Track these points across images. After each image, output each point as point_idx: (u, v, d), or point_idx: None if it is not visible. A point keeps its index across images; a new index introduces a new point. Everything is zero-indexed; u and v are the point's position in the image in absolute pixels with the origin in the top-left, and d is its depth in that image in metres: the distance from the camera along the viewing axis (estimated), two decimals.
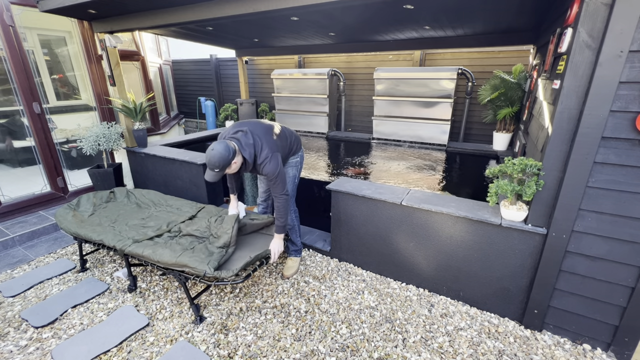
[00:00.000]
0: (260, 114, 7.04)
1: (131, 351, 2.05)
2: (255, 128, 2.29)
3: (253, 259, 2.24)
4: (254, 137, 2.22)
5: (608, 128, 1.69)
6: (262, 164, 2.21)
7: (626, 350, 2.00)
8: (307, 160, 4.71)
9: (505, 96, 4.26)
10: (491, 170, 2.17)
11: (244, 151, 2.17)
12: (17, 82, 3.65)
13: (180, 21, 3.24)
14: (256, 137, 2.23)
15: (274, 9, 2.65)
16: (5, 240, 3.27)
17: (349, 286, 2.67)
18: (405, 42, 4.98)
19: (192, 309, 2.29)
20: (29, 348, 2.08)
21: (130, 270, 2.57)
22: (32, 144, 3.93)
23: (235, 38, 5.20)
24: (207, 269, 2.06)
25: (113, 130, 4.00)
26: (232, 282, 2.13)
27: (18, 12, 3.63)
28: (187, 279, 2.23)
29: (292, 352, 2.04)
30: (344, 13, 3.25)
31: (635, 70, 1.58)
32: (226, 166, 2.06)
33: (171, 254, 2.21)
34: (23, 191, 3.93)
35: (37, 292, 2.63)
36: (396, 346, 2.09)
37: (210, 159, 2.03)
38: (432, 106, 5.06)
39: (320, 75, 5.85)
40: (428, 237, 2.47)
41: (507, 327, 2.27)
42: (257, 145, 2.21)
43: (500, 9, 3.04)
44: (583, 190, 1.83)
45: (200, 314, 2.30)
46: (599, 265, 1.94)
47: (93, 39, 4.28)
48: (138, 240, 2.43)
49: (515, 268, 2.20)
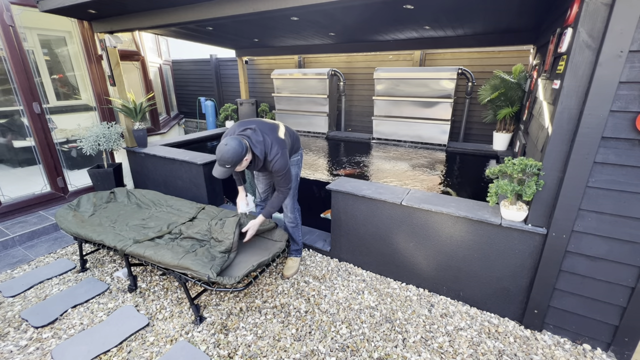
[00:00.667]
0: (260, 114, 7.03)
1: (131, 351, 2.05)
2: (262, 126, 2.32)
3: (255, 267, 2.23)
4: (263, 134, 2.24)
5: (608, 128, 1.69)
6: (273, 160, 2.23)
7: (626, 350, 2.00)
8: (307, 160, 4.71)
9: (505, 96, 4.26)
10: (491, 170, 2.17)
11: (255, 148, 2.18)
12: (17, 82, 3.65)
13: (180, 21, 3.24)
14: (265, 134, 2.25)
15: (274, 9, 2.65)
16: (5, 240, 3.27)
17: (349, 286, 2.67)
18: (405, 42, 4.98)
19: (192, 309, 2.29)
20: (28, 348, 2.08)
21: (131, 270, 2.57)
22: (32, 144, 3.92)
23: (235, 38, 5.20)
24: (209, 273, 2.06)
25: (113, 130, 4.00)
26: (234, 290, 2.13)
27: (18, 12, 3.63)
28: (187, 280, 2.23)
29: (292, 352, 2.04)
30: (344, 13, 3.25)
31: (635, 70, 1.58)
32: (238, 163, 2.06)
33: (173, 255, 2.22)
34: (23, 191, 3.93)
35: (37, 292, 2.62)
36: (396, 346, 2.09)
37: (224, 155, 2.01)
38: (432, 106, 5.06)
39: (320, 75, 5.85)
40: (428, 237, 2.47)
41: (507, 327, 2.27)
42: (266, 142, 2.23)
43: (500, 9, 3.04)
44: (583, 190, 1.83)
45: (200, 314, 2.30)
46: (599, 265, 1.94)
47: (93, 39, 4.28)
48: (139, 241, 2.44)
49: (515, 268, 2.20)
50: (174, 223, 2.74)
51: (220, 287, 2.13)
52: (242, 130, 2.24)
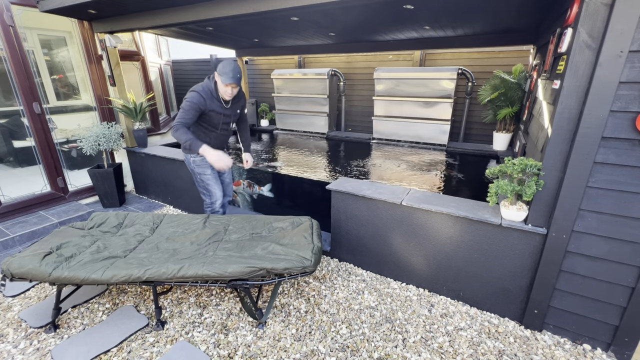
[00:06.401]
0: (260, 114, 7.04)
1: (131, 351, 2.05)
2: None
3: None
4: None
5: (608, 128, 1.69)
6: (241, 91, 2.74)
7: (626, 350, 2.00)
8: (307, 160, 4.71)
9: (505, 96, 4.26)
10: (491, 170, 2.17)
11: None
12: (17, 82, 3.65)
13: (180, 21, 3.24)
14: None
15: (274, 9, 2.65)
16: (5, 240, 3.27)
17: (349, 286, 2.67)
18: (405, 42, 4.99)
19: (257, 313, 2.23)
20: (28, 348, 2.08)
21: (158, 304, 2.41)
22: (32, 144, 3.92)
23: (235, 38, 5.20)
24: (307, 262, 2.12)
25: (113, 130, 4.00)
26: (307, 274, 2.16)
27: (18, 12, 3.63)
28: (250, 286, 2.17)
29: (292, 352, 2.04)
30: (344, 13, 3.25)
31: (635, 70, 1.58)
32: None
33: (235, 264, 2.07)
34: (23, 191, 3.93)
35: (37, 292, 2.62)
36: (396, 346, 2.09)
37: (235, 67, 2.46)
38: (432, 106, 5.06)
39: (320, 75, 5.85)
40: (428, 237, 2.47)
41: (507, 327, 2.27)
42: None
43: (500, 9, 3.04)
44: (583, 190, 1.83)
45: (265, 319, 2.27)
46: (599, 265, 1.94)
47: (93, 39, 4.27)
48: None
49: (515, 268, 2.20)
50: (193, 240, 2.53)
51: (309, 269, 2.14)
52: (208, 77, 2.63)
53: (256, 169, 4.34)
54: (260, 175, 4.40)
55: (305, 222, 2.62)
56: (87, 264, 2.10)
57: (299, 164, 4.50)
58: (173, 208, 4.25)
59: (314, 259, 2.16)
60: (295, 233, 2.47)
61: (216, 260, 2.13)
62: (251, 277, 2.06)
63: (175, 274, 2.02)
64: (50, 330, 2.19)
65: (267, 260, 2.11)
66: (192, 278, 2.03)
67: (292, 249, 2.25)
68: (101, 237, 2.50)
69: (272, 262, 2.09)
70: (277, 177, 4.26)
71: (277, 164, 4.50)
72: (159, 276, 2.01)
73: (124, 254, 2.29)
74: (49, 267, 2.02)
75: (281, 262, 2.10)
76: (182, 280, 2.05)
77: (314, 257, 2.18)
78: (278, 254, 2.23)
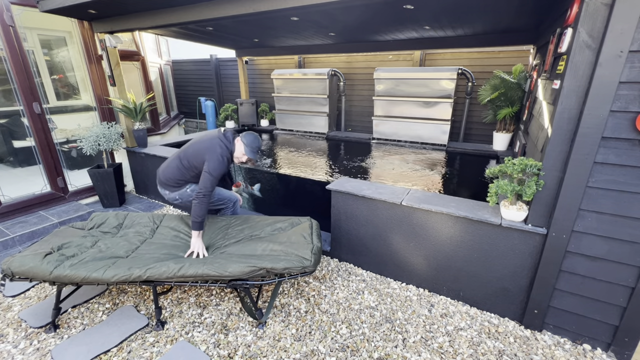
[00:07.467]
0: (260, 114, 7.04)
1: (131, 351, 2.05)
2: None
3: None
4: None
5: (608, 128, 1.69)
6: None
7: (626, 350, 2.00)
8: (307, 160, 4.71)
9: (505, 96, 4.26)
10: (491, 170, 2.17)
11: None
12: (17, 82, 3.65)
13: (180, 21, 3.25)
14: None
15: (274, 9, 2.65)
16: (5, 240, 3.27)
17: (349, 286, 2.67)
18: (405, 42, 4.99)
19: (257, 313, 2.23)
20: (28, 348, 2.08)
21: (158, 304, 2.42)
22: (32, 144, 3.92)
23: (235, 38, 5.20)
24: (307, 262, 2.13)
25: (113, 130, 4.00)
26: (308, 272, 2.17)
27: (18, 12, 3.63)
28: (251, 286, 2.18)
29: (292, 352, 2.04)
30: (344, 13, 3.25)
31: (635, 70, 1.58)
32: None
33: (237, 264, 2.08)
34: (23, 191, 3.93)
35: (37, 292, 2.62)
36: (396, 346, 2.09)
37: (260, 142, 2.62)
38: (432, 106, 5.06)
39: (320, 75, 5.85)
40: (428, 237, 2.47)
41: (507, 327, 2.27)
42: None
43: (500, 9, 3.04)
44: (583, 190, 1.83)
45: (265, 319, 2.29)
46: (599, 265, 1.94)
47: (93, 39, 4.27)
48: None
49: (515, 268, 2.20)
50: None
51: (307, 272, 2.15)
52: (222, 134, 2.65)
53: (253, 168, 4.35)
54: (260, 175, 4.40)
55: (305, 222, 2.62)
56: (89, 263, 2.10)
57: (299, 164, 4.50)
58: (173, 208, 4.25)
59: (313, 259, 2.16)
60: (295, 233, 2.47)
61: (216, 260, 2.13)
62: (251, 277, 2.06)
63: (176, 273, 2.02)
64: (50, 330, 2.20)
65: (267, 260, 2.11)
66: (192, 277, 2.03)
67: (291, 249, 2.25)
68: (102, 238, 2.50)
69: (272, 262, 2.09)
70: (277, 178, 4.26)
71: (266, 162, 4.54)
72: (160, 275, 2.02)
73: (125, 254, 2.29)
74: (50, 266, 2.02)
75: (281, 262, 2.10)
76: (182, 280, 2.06)
77: (314, 257, 2.18)
78: (278, 254, 2.23)
